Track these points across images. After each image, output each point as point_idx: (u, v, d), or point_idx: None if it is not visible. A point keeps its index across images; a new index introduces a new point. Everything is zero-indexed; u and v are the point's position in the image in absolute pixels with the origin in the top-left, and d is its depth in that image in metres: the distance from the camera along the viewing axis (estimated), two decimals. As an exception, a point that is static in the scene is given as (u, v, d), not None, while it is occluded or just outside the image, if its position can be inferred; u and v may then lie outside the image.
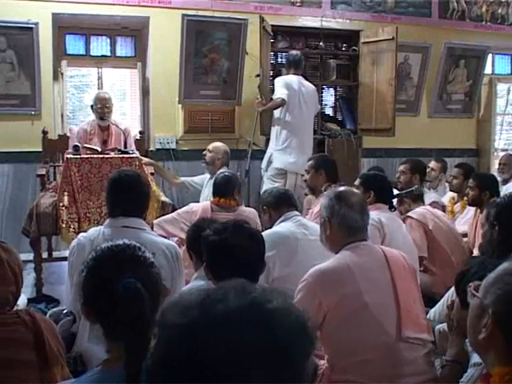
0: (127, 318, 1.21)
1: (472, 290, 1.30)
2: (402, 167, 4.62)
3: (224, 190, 3.64)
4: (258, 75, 5.34)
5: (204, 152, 4.73)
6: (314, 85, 6.11)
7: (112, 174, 2.79)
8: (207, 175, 4.76)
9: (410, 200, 3.98)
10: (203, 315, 0.74)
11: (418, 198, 4.04)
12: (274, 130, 5.06)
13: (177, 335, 0.74)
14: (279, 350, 0.73)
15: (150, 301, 1.27)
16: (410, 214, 3.83)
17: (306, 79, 5.88)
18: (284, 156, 4.94)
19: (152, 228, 3.47)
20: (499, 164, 5.81)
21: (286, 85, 4.93)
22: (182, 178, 4.99)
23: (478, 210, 4.06)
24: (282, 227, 2.99)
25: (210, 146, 4.74)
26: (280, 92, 4.92)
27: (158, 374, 0.75)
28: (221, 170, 4.32)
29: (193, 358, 0.71)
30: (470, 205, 4.19)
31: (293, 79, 5.05)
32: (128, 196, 2.50)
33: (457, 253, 3.76)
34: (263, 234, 2.47)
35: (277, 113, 5.01)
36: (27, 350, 1.66)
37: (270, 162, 5.01)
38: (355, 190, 2.45)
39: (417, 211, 3.84)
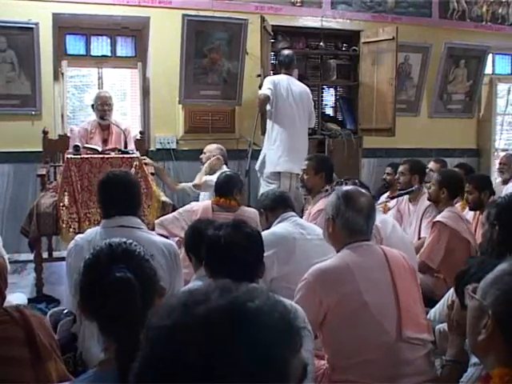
0: (118, 308, 1.23)
1: (470, 292, 1.30)
2: (401, 168, 4.61)
3: (225, 189, 3.64)
4: (258, 75, 5.34)
5: (201, 156, 4.82)
6: (315, 85, 6.14)
7: (100, 176, 2.79)
8: None
9: (447, 192, 3.82)
10: (186, 316, 0.75)
11: (455, 190, 3.90)
12: (267, 128, 5.08)
13: (161, 336, 0.75)
14: (262, 350, 0.73)
15: (142, 295, 1.28)
16: (441, 219, 3.68)
17: (307, 79, 5.91)
18: (275, 156, 4.92)
19: (153, 228, 3.47)
20: (499, 164, 5.80)
21: (272, 83, 4.93)
22: (182, 184, 4.99)
23: (478, 212, 4.06)
24: (279, 227, 2.99)
25: (205, 149, 4.83)
26: (263, 88, 4.93)
27: (145, 375, 0.75)
28: (222, 170, 4.33)
29: (176, 359, 0.71)
30: (472, 209, 4.14)
31: (281, 78, 5.03)
32: (120, 196, 2.51)
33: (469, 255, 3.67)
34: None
35: (268, 112, 5.01)
36: (19, 346, 1.66)
37: (263, 163, 5.01)
38: (363, 191, 2.38)
39: (446, 216, 3.69)
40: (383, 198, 4.96)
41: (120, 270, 1.30)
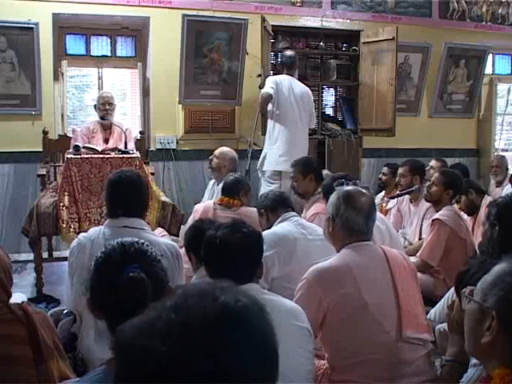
0: (130, 306, 1.22)
1: (467, 295, 1.29)
2: (401, 170, 4.57)
3: (232, 190, 3.68)
4: (258, 75, 5.35)
5: (210, 157, 4.62)
6: (315, 85, 6.14)
7: (112, 175, 2.79)
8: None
9: (453, 192, 3.81)
10: (187, 330, 0.72)
11: (460, 190, 3.91)
12: (268, 128, 5.09)
13: (154, 365, 0.71)
14: (260, 346, 0.74)
15: (153, 295, 1.29)
16: (440, 217, 3.66)
17: (307, 79, 5.91)
18: (276, 155, 4.93)
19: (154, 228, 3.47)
20: (492, 167, 5.75)
21: (274, 82, 4.95)
22: None
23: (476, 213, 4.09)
24: (280, 227, 2.99)
25: (217, 152, 4.60)
26: (266, 87, 4.94)
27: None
28: (230, 174, 4.31)
29: (177, 365, 0.70)
30: (469, 214, 4.18)
31: (283, 78, 5.06)
32: (129, 197, 2.51)
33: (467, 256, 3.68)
34: (262, 234, 2.46)
35: (270, 111, 5.02)
36: (21, 345, 1.66)
37: (264, 163, 5.01)
38: (364, 191, 2.36)
39: (446, 215, 3.68)
40: (378, 198, 4.95)
41: (133, 269, 1.31)
